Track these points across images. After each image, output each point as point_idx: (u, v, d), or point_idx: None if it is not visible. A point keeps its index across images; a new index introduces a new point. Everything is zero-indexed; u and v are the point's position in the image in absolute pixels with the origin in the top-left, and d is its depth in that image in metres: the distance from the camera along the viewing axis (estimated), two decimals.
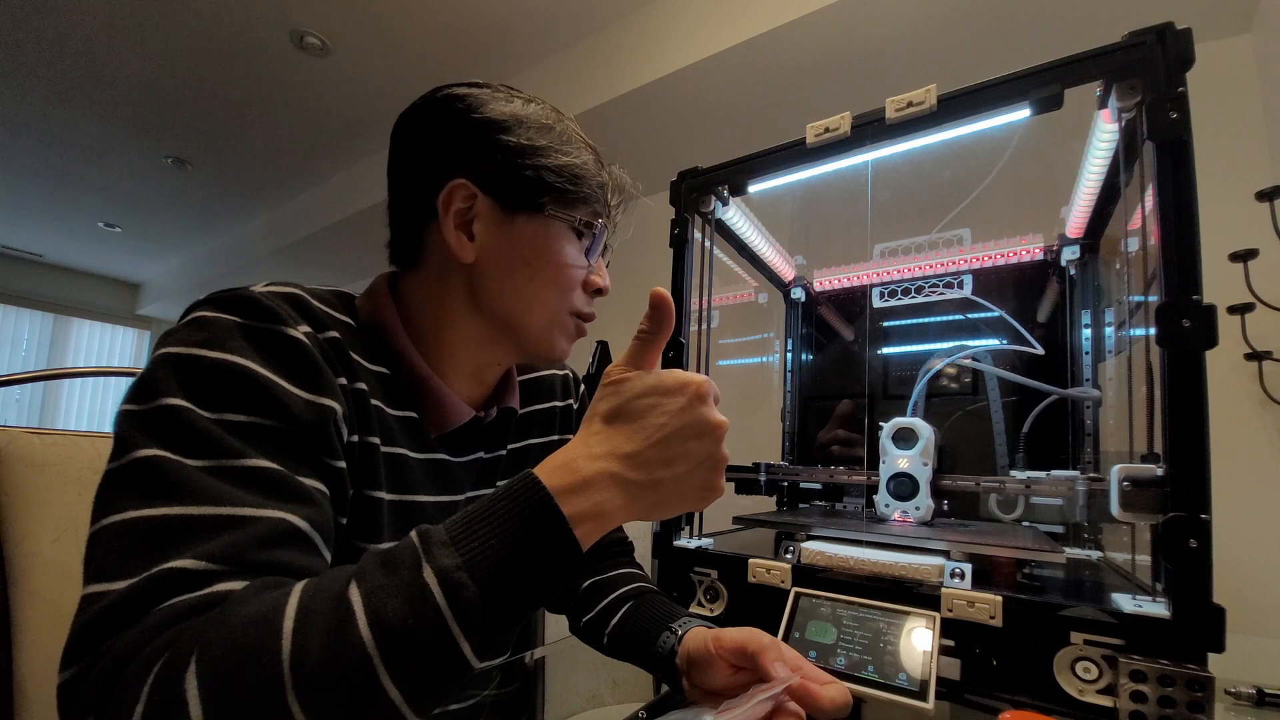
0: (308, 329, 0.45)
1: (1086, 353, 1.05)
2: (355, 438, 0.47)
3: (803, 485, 1.23)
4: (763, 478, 1.09)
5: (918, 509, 0.88)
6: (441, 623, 0.32)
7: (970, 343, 1.14)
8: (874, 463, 1.21)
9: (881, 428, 0.95)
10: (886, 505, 0.90)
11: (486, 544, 0.33)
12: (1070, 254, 1.06)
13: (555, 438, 0.71)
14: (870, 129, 0.78)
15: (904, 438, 0.91)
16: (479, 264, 0.53)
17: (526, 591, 0.34)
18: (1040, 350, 1.04)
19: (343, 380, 0.47)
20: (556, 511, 0.35)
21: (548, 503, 0.35)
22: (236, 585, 0.34)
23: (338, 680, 0.30)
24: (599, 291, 0.60)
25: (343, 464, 0.45)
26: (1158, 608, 0.55)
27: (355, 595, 0.32)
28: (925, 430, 0.90)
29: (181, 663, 0.29)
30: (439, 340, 0.56)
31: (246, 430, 0.39)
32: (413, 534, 0.35)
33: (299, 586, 0.33)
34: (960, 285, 1.13)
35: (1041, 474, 0.90)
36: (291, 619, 0.31)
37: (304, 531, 0.39)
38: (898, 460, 0.90)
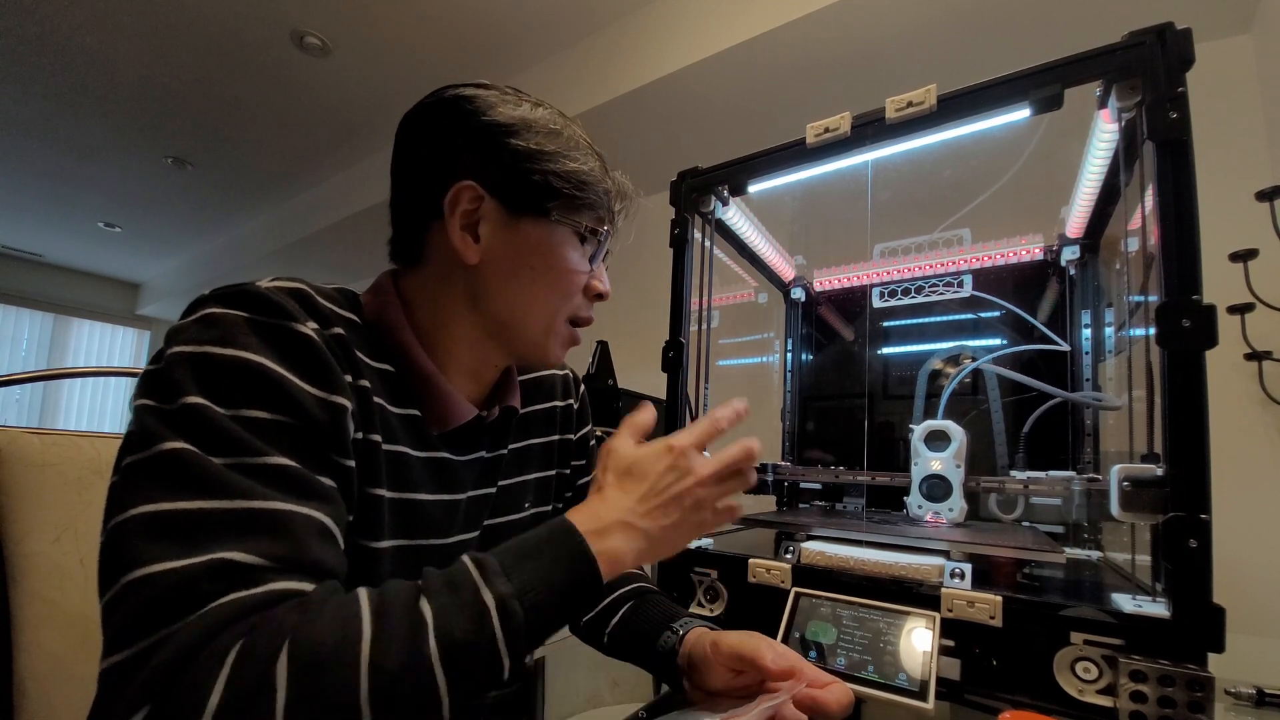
0: (314, 325, 0.45)
1: (1086, 353, 1.05)
2: (359, 435, 0.47)
3: (803, 485, 1.23)
4: (770, 478, 1.09)
5: (951, 510, 0.88)
6: (493, 642, 0.37)
7: (971, 342, 1.14)
8: (875, 463, 1.21)
9: (912, 430, 0.95)
10: (920, 507, 0.91)
11: (534, 577, 0.39)
12: (1070, 254, 1.07)
13: (556, 437, 0.71)
14: (870, 129, 0.78)
15: (936, 440, 0.92)
16: (482, 265, 0.54)
17: (558, 619, 0.41)
18: (1066, 347, 1.04)
19: (348, 377, 0.47)
20: (589, 553, 0.41)
21: (583, 546, 0.42)
22: (290, 585, 0.36)
23: (406, 686, 0.34)
24: (599, 296, 0.60)
25: (351, 463, 0.45)
26: (1158, 608, 0.55)
27: (426, 609, 0.36)
28: (957, 433, 0.91)
29: (269, 654, 0.32)
30: (439, 338, 0.56)
31: (264, 427, 0.39)
32: (467, 560, 0.40)
33: (364, 595, 0.36)
34: (960, 285, 1.13)
35: (1041, 474, 0.90)
36: (369, 626, 0.34)
37: (330, 528, 0.41)
38: (930, 462, 0.91)
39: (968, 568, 0.66)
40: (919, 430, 0.94)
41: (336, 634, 0.33)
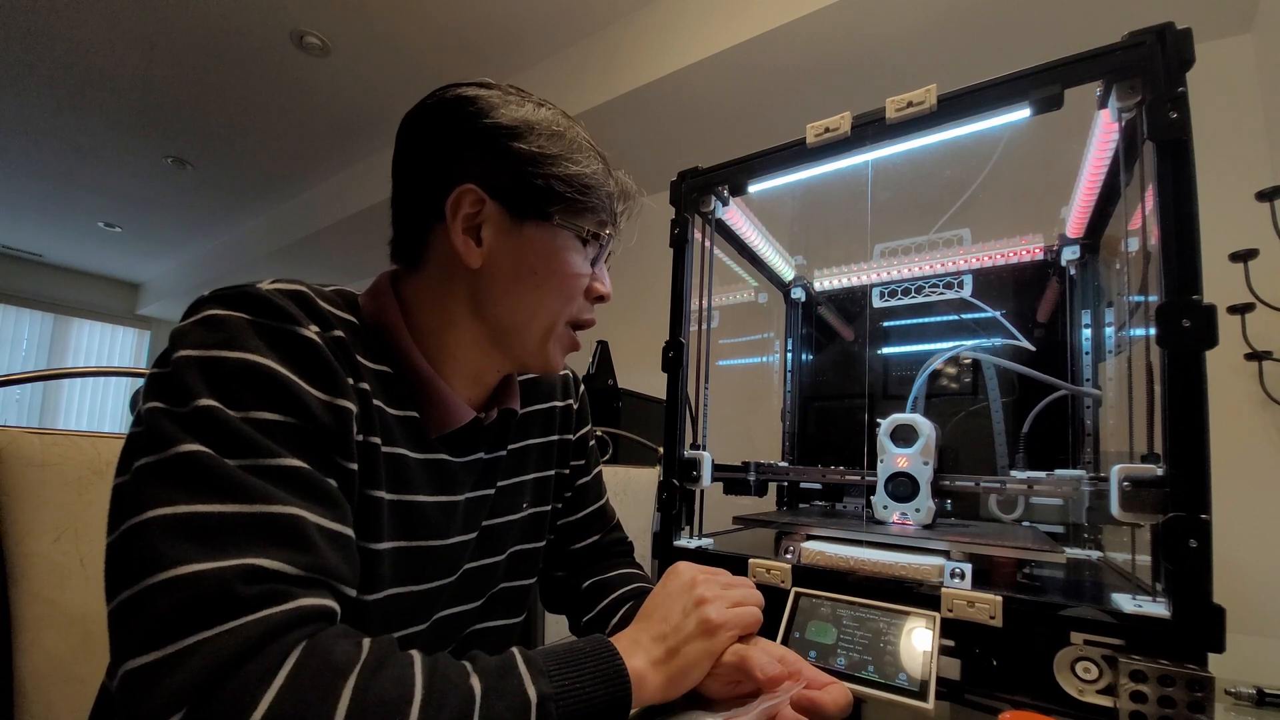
0: (316, 329, 0.45)
1: (1086, 353, 1.05)
2: (360, 437, 0.48)
3: (802, 485, 1.23)
4: (752, 477, 1.08)
5: (918, 511, 0.83)
6: None
7: (969, 342, 1.14)
8: (875, 463, 1.21)
9: (879, 425, 0.90)
10: (885, 507, 0.86)
11: (573, 685, 0.42)
12: (1070, 254, 1.06)
13: (555, 438, 0.71)
14: (870, 129, 0.78)
15: (903, 435, 0.86)
16: (485, 270, 0.53)
17: None
18: (1032, 348, 1.03)
19: (349, 380, 0.47)
20: (624, 671, 0.44)
21: (619, 664, 0.45)
22: (317, 601, 0.37)
23: None
24: (601, 298, 0.60)
25: (354, 466, 0.46)
26: (1158, 608, 0.55)
27: (476, 687, 0.38)
28: (926, 427, 0.85)
29: (327, 687, 0.33)
30: (440, 341, 0.55)
31: (275, 429, 0.40)
32: (516, 653, 0.43)
33: (418, 660, 0.38)
34: (960, 285, 1.13)
35: (1042, 474, 0.90)
36: (420, 690, 0.36)
37: (341, 532, 0.42)
38: (896, 459, 0.86)
39: (968, 568, 0.66)
40: (885, 424, 0.88)
41: (395, 691, 0.35)
